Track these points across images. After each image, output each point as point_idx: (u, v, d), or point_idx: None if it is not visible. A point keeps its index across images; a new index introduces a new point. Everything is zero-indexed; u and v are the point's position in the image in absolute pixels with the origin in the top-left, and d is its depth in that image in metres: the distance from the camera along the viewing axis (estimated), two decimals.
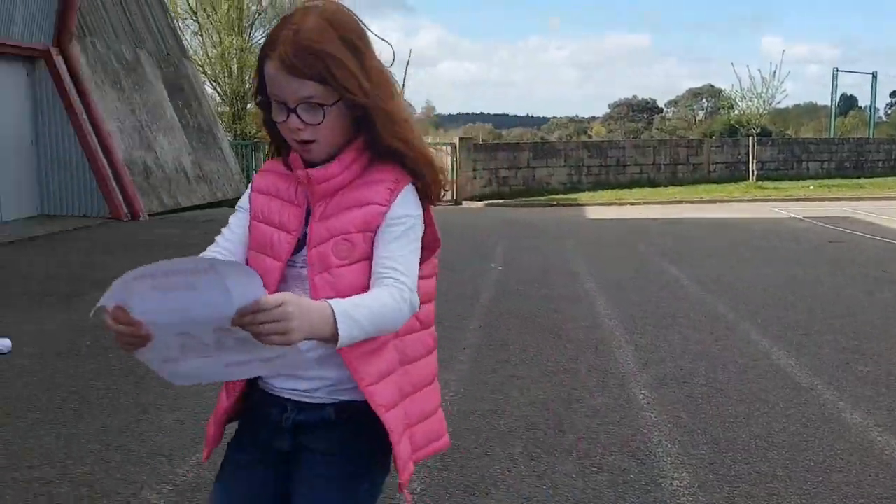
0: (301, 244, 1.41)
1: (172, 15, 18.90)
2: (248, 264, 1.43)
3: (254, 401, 1.51)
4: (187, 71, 16.73)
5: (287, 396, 1.46)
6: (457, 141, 20.17)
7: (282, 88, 1.34)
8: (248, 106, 26.13)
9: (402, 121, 1.39)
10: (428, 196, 1.44)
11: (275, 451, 1.47)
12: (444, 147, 19.59)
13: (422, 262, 1.43)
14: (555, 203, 18.50)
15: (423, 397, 1.50)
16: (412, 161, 1.40)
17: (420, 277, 1.42)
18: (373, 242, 1.38)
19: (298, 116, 1.34)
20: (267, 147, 1.54)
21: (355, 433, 1.43)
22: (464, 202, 18.87)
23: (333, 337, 1.22)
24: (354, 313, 1.24)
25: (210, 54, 27.94)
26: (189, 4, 27.39)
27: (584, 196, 19.76)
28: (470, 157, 19.76)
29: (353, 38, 1.35)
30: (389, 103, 1.37)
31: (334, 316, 1.22)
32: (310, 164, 1.41)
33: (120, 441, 3.53)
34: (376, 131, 1.37)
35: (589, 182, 21.90)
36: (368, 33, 1.40)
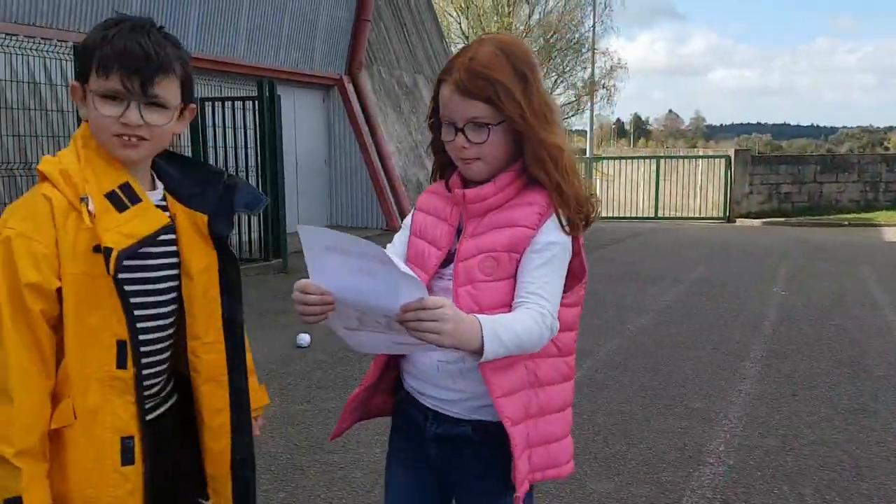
0: (449, 259, 1.49)
1: (448, 41, 20.08)
2: None
3: (399, 398, 1.62)
4: None
5: (427, 405, 1.54)
6: (731, 153, 18.71)
7: (452, 109, 1.46)
8: None
9: (555, 149, 1.44)
10: (573, 227, 1.46)
11: (426, 454, 1.56)
12: (717, 160, 18.48)
13: (567, 290, 1.47)
14: (846, 223, 16.61)
15: (549, 422, 1.51)
16: (555, 190, 1.44)
17: (563, 305, 1.46)
18: (517, 263, 1.43)
19: (465, 135, 1.44)
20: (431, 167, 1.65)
21: (494, 451, 1.47)
22: (737, 220, 17.68)
23: (478, 350, 1.30)
24: (500, 333, 1.32)
25: None
26: (462, 29, 29.01)
27: (881, 216, 17.43)
28: (746, 171, 18.32)
29: (524, 69, 1.44)
30: (544, 132, 1.43)
31: (482, 331, 1.29)
32: (468, 185, 1.50)
33: None
34: (525, 156, 1.45)
35: (887, 200, 19.27)
36: (538, 67, 1.50)
